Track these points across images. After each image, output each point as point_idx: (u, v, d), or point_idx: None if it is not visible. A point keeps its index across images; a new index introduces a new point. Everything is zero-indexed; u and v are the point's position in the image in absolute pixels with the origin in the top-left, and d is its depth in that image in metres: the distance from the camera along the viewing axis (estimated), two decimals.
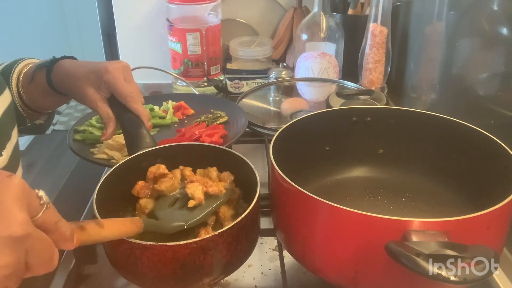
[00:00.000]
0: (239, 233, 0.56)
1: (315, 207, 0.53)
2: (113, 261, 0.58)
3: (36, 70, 0.75)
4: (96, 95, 0.72)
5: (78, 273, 0.69)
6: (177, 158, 0.68)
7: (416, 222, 0.47)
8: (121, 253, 0.54)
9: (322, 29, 1.13)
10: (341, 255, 0.53)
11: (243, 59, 1.31)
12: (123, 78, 0.72)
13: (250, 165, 0.63)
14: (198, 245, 0.52)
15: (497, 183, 0.57)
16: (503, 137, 0.60)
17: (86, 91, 0.72)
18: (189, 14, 1.23)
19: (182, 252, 0.52)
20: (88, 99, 0.72)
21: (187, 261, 0.53)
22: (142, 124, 0.71)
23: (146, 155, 0.66)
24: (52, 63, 0.75)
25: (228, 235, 0.54)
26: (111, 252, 0.58)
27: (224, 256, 0.56)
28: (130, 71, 0.75)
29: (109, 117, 0.72)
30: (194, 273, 0.54)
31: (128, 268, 0.56)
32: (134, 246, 0.52)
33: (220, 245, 0.54)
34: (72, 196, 0.88)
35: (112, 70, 0.71)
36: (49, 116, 0.84)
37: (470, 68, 0.87)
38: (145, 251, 0.52)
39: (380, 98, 0.94)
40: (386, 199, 0.71)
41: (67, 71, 0.74)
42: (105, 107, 0.72)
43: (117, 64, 0.73)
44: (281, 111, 1.09)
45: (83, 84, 0.72)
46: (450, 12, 0.93)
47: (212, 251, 0.54)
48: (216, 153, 0.68)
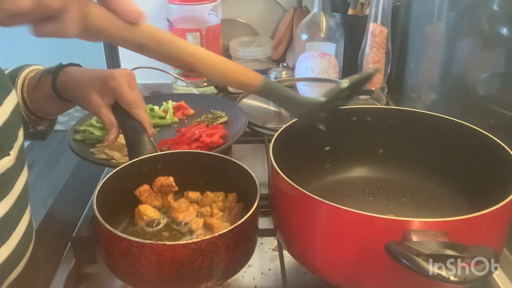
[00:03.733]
0: (238, 237, 0.56)
1: (315, 207, 0.53)
2: (109, 262, 0.58)
3: (41, 76, 0.76)
4: (100, 101, 0.73)
5: (78, 273, 0.69)
6: (177, 165, 0.69)
7: (416, 222, 0.47)
8: (119, 253, 0.54)
9: (322, 29, 1.13)
10: (341, 255, 0.53)
11: (243, 59, 1.31)
12: (127, 85, 0.73)
13: (251, 173, 0.64)
14: (198, 246, 0.52)
15: (497, 183, 0.57)
16: (503, 137, 0.60)
17: (90, 97, 0.73)
18: (189, 14, 1.23)
19: (180, 252, 0.52)
20: (92, 105, 0.73)
21: (185, 262, 0.52)
22: (144, 131, 0.72)
23: (146, 161, 0.67)
24: (59, 69, 0.76)
25: (227, 238, 0.54)
26: (108, 252, 0.57)
27: (222, 260, 0.55)
28: (135, 79, 0.76)
29: (112, 124, 0.73)
30: (191, 275, 0.54)
31: (125, 268, 0.55)
32: (133, 244, 0.52)
33: (219, 248, 0.54)
34: (72, 196, 0.88)
35: (117, 76, 0.72)
36: (51, 123, 0.85)
37: (470, 68, 0.87)
38: (143, 249, 0.52)
39: (380, 98, 0.95)
40: (386, 199, 0.71)
41: (72, 77, 0.75)
42: (108, 113, 0.73)
43: (123, 71, 0.75)
44: (281, 111, 1.09)
45: (87, 90, 0.73)
46: (450, 12, 0.93)
47: (210, 253, 0.53)
48: (216, 161, 0.69)
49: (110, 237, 0.54)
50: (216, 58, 0.55)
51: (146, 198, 0.66)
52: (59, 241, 0.74)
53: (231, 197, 0.68)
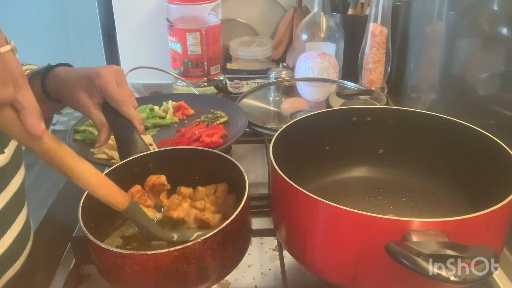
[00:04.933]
0: (225, 239, 0.54)
1: (315, 207, 0.53)
2: (100, 270, 0.58)
3: (31, 78, 0.74)
4: (89, 101, 0.71)
5: (78, 273, 0.69)
6: (168, 163, 0.68)
7: (416, 222, 0.47)
8: (105, 262, 0.54)
9: (322, 29, 1.13)
10: (341, 255, 0.53)
11: (243, 59, 1.31)
12: (115, 82, 0.70)
13: (240, 168, 0.62)
14: (181, 253, 0.51)
15: (497, 183, 0.57)
16: (503, 137, 0.60)
17: (78, 97, 0.71)
18: (189, 14, 1.23)
19: (164, 260, 0.50)
20: (81, 105, 0.71)
21: (169, 270, 0.51)
22: (134, 129, 0.70)
23: (137, 160, 0.66)
24: (47, 70, 0.74)
25: (211, 242, 0.52)
26: (97, 261, 0.57)
27: (210, 264, 0.54)
28: (123, 75, 0.74)
29: (102, 123, 0.71)
30: (179, 281, 0.53)
31: (114, 277, 0.55)
32: (116, 255, 0.51)
33: (204, 252, 0.52)
34: (72, 196, 0.88)
35: (103, 74, 0.70)
36: (46, 122, 0.84)
37: (470, 68, 0.87)
38: (126, 260, 0.51)
39: (380, 98, 0.94)
40: (386, 199, 0.71)
41: (60, 78, 0.73)
42: (98, 113, 0.71)
43: (109, 68, 0.72)
44: (281, 111, 1.09)
45: (75, 90, 0.71)
46: (450, 12, 0.93)
47: (195, 259, 0.52)
48: (207, 157, 0.67)
49: (95, 248, 0.53)
50: (95, 178, 0.54)
51: (138, 199, 0.65)
52: (59, 241, 0.74)
53: (220, 188, 0.66)
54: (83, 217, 0.56)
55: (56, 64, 0.76)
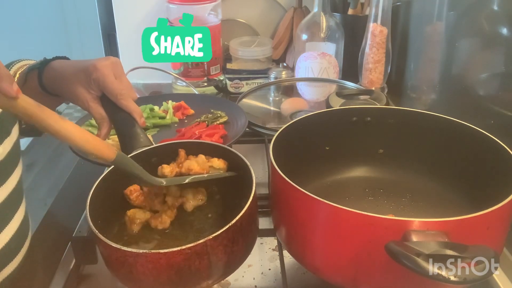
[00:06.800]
0: (235, 235, 0.54)
1: (315, 207, 0.53)
2: (110, 267, 0.58)
3: (28, 73, 0.73)
4: (87, 95, 0.69)
5: (78, 273, 0.69)
6: (173, 157, 0.66)
7: (416, 222, 0.47)
8: (116, 261, 0.53)
9: (322, 29, 1.13)
10: (341, 255, 0.53)
11: (243, 59, 1.31)
12: (112, 75, 0.69)
13: (246, 162, 0.62)
14: (193, 251, 0.51)
15: (497, 183, 0.57)
16: (503, 137, 0.60)
17: (76, 91, 0.69)
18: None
19: (176, 258, 0.51)
20: (79, 100, 0.70)
21: (182, 267, 0.51)
22: (135, 123, 0.69)
23: (140, 155, 0.65)
24: (43, 65, 0.73)
25: (223, 238, 0.53)
26: (106, 260, 0.57)
27: (221, 259, 0.54)
28: (121, 66, 0.72)
29: (102, 117, 0.70)
30: (190, 277, 0.53)
31: (125, 275, 0.55)
32: (127, 254, 0.51)
33: (216, 249, 0.53)
34: (72, 196, 0.88)
35: (100, 67, 0.68)
36: None
37: (470, 68, 0.87)
38: (138, 259, 0.51)
39: (380, 98, 0.94)
40: (386, 199, 0.71)
41: (57, 72, 0.72)
42: (97, 107, 0.70)
43: (106, 60, 0.70)
44: (281, 111, 1.09)
45: (73, 84, 0.70)
46: (450, 12, 0.93)
47: (207, 255, 0.52)
48: (212, 150, 0.66)
49: (105, 247, 0.53)
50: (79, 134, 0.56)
51: (135, 198, 0.64)
52: (59, 241, 0.74)
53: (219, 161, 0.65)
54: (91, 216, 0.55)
55: (52, 57, 0.74)
